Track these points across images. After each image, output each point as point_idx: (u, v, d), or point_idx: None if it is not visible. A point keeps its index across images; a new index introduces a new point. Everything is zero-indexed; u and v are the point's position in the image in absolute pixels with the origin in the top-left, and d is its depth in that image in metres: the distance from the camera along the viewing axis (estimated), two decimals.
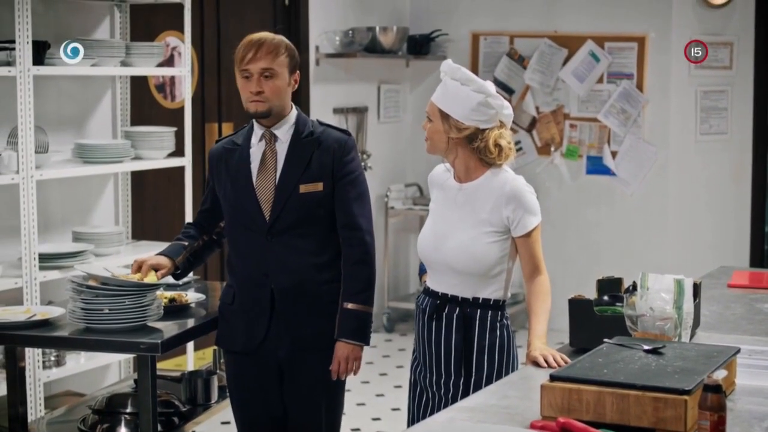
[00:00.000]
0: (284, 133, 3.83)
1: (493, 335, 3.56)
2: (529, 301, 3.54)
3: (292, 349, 3.80)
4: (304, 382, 3.82)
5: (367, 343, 3.88)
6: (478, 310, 3.55)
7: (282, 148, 3.81)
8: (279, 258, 3.77)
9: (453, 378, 3.58)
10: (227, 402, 4.55)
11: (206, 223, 4.05)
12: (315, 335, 3.79)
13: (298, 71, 3.87)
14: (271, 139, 3.83)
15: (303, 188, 3.75)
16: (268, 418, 3.89)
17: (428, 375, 3.64)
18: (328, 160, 3.78)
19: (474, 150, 3.53)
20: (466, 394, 3.51)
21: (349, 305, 3.77)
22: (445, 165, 3.67)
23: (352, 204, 3.80)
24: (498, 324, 3.57)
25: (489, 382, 3.49)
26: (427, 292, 3.65)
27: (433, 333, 3.61)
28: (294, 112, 3.87)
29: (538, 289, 3.52)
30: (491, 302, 3.56)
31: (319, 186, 3.77)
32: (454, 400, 3.51)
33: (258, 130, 3.86)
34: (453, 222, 3.57)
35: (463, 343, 3.56)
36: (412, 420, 3.71)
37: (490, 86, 3.54)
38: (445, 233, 3.57)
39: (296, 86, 3.88)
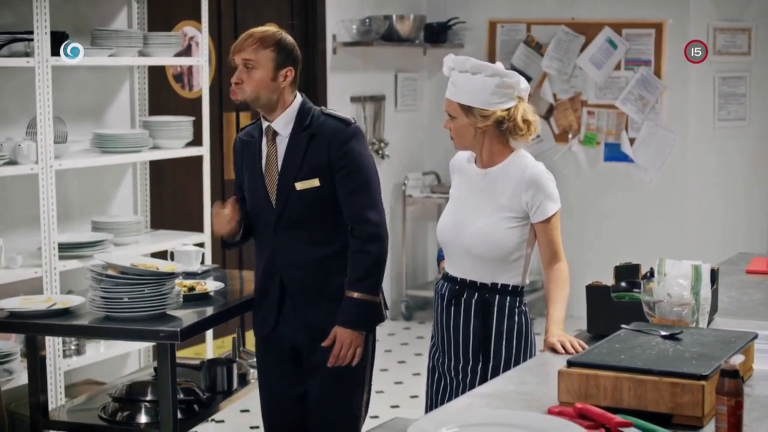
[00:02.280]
0: (283, 127, 3.83)
1: (511, 321, 3.57)
2: (548, 288, 3.55)
3: (306, 335, 3.88)
4: (319, 367, 3.89)
5: (369, 331, 3.91)
6: (497, 296, 3.57)
7: (282, 144, 3.83)
8: (287, 251, 3.84)
9: (471, 363, 3.60)
10: (246, 390, 4.58)
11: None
12: (326, 323, 3.83)
13: (292, 68, 3.82)
14: (272, 134, 3.86)
15: (299, 186, 3.78)
16: (289, 399, 3.98)
17: (446, 360, 3.66)
18: (322, 154, 3.77)
19: (503, 132, 3.54)
20: (484, 379, 3.53)
21: (351, 293, 3.80)
22: (469, 152, 3.68)
23: (352, 196, 3.79)
24: (516, 310, 3.58)
25: (507, 367, 3.50)
26: (446, 277, 3.66)
27: (452, 318, 3.63)
28: (295, 106, 3.84)
29: (557, 275, 3.53)
30: (510, 288, 3.57)
31: (316, 182, 3.78)
32: (472, 386, 3.53)
33: (263, 125, 3.89)
34: (473, 207, 3.59)
35: (481, 328, 3.58)
36: (430, 406, 3.73)
37: (500, 66, 3.55)
38: (465, 219, 3.58)
39: (288, 81, 3.82)
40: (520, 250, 3.56)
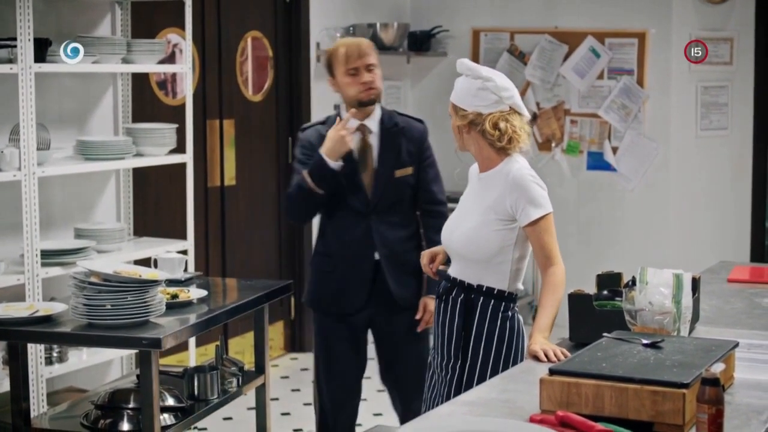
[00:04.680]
0: (374, 124, 4.44)
1: (492, 324, 3.60)
2: (540, 293, 3.58)
3: (384, 309, 4.44)
4: (396, 336, 4.49)
5: None
6: (481, 298, 3.62)
7: (374, 139, 4.43)
8: (379, 233, 4.41)
9: (452, 361, 3.67)
10: (229, 398, 4.57)
11: None
12: (406, 296, 4.43)
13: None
14: (364, 131, 4.42)
15: (398, 173, 4.43)
16: (351, 371, 4.54)
17: (436, 356, 3.75)
18: (413, 147, 4.45)
19: (481, 136, 3.61)
20: (461, 378, 3.61)
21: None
22: None
23: (432, 183, 4.49)
24: (500, 314, 3.61)
25: (484, 369, 3.55)
26: (445, 276, 3.77)
27: (440, 315, 3.72)
28: (378, 105, 4.47)
29: (548, 280, 3.56)
30: (495, 291, 3.61)
31: (410, 170, 4.45)
32: (451, 383, 3.63)
33: (351, 123, 4.35)
34: (467, 210, 3.69)
35: (463, 328, 3.63)
36: (425, 400, 3.83)
37: (495, 75, 3.63)
38: (459, 221, 3.70)
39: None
40: (504, 253, 3.58)
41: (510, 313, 3.64)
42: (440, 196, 4.52)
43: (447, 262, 3.91)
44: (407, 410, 4.55)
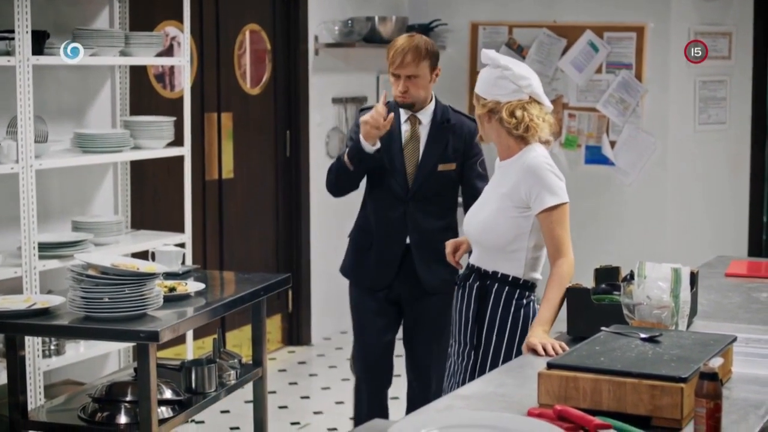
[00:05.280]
0: (425, 117, 4.63)
1: (505, 311, 3.62)
2: (546, 285, 3.57)
3: (415, 291, 4.62)
4: (423, 318, 4.69)
5: None
6: (496, 284, 3.67)
7: (424, 131, 4.62)
8: (414, 219, 4.60)
9: (467, 347, 3.72)
10: (226, 391, 4.57)
11: None
12: (433, 282, 4.60)
13: (438, 66, 4.65)
14: (415, 122, 4.62)
15: (441, 167, 4.59)
16: (381, 343, 4.72)
17: (454, 344, 3.80)
18: (460, 145, 4.60)
19: (500, 124, 3.67)
20: (476, 365, 3.66)
21: None
22: None
23: (477, 180, 4.58)
24: (514, 302, 3.64)
25: (496, 356, 3.59)
26: (467, 264, 3.82)
27: (457, 302, 3.78)
28: (434, 99, 4.66)
29: (554, 272, 3.57)
30: (510, 279, 3.65)
31: (453, 166, 4.60)
32: (467, 371, 3.68)
33: (404, 113, 4.62)
34: (486, 198, 3.75)
35: (477, 314, 3.68)
36: (444, 389, 3.86)
37: (514, 64, 3.68)
38: (478, 208, 3.76)
39: (437, 78, 4.63)
40: (519, 241, 3.62)
41: (525, 301, 3.67)
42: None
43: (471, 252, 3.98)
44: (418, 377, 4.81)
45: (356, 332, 4.79)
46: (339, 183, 4.66)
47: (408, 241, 4.62)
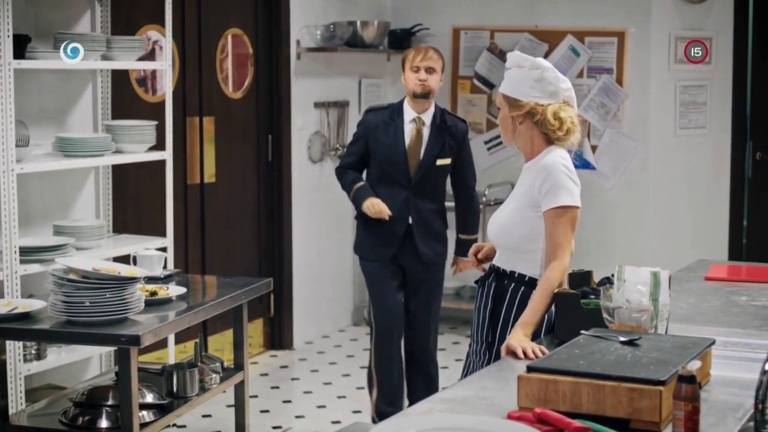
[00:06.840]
0: (428, 118, 5.48)
1: (520, 310, 3.61)
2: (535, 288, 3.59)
3: (416, 263, 5.52)
4: (423, 285, 5.59)
5: None
6: (512, 284, 3.68)
7: (426, 131, 5.47)
8: (414, 203, 5.48)
9: (484, 346, 3.74)
10: (208, 395, 4.58)
11: (359, 170, 5.59)
12: (429, 254, 5.52)
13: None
14: (420, 122, 5.45)
15: (439, 162, 5.48)
16: (397, 302, 5.53)
17: (473, 343, 3.83)
18: (454, 143, 5.50)
19: (537, 125, 3.65)
20: (489, 363, 3.65)
21: (468, 236, 5.67)
22: None
23: (467, 171, 5.61)
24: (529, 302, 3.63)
25: None
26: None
27: (476, 300, 3.81)
28: (434, 104, 5.51)
29: (545, 274, 3.57)
30: (526, 279, 3.67)
31: (448, 161, 5.51)
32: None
33: (409, 114, 5.47)
34: (509, 199, 3.80)
35: (492, 312, 3.71)
36: None
37: (545, 63, 3.69)
38: (501, 210, 3.80)
39: (441, 82, 5.52)
40: (534, 241, 3.65)
41: None
42: (472, 182, 5.65)
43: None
44: (410, 353, 5.67)
45: (377, 298, 5.57)
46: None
47: (410, 221, 5.48)
